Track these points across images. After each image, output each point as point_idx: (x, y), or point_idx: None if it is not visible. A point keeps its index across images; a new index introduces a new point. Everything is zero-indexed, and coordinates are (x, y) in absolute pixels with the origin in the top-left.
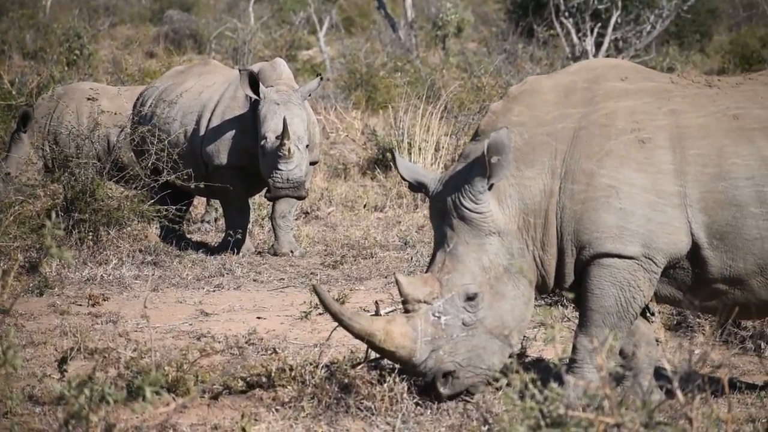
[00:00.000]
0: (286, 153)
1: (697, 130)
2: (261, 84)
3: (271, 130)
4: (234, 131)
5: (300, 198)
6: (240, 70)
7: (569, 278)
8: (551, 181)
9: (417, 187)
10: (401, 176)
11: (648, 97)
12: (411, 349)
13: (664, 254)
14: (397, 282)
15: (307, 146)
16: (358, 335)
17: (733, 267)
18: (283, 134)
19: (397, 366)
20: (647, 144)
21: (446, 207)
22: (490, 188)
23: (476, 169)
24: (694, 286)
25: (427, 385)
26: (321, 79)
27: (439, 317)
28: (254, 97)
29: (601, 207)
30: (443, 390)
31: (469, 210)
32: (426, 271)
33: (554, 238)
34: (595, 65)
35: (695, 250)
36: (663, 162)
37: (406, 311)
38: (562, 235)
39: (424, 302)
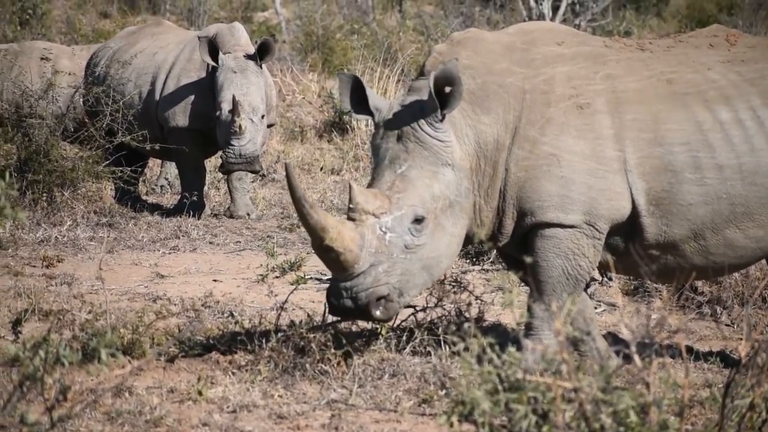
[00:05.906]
0: (238, 130)
1: (633, 95)
2: (219, 50)
3: (226, 100)
4: (190, 94)
5: (254, 172)
6: (199, 38)
7: (504, 239)
8: (504, 134)
9: (362, 109)
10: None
11: (584, 62)
12: (356, 255)
13: (606, 220)
14: (349, 189)
15: (263, 117)
16: (312, 226)
17: (668, 233)
18: (234, 111)
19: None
20: (586, 110)
21: (402, 132)
22: (442, 119)
23: (430, 101)
24: (626, 251)
25: (357, 309)
26: (274, 38)
27: (385, 233)
28: (213, 64)
29: (543, 175)
30: (376, 313)
31: (431, 136)
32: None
33: (497, 194)
34: (530, 28)
35: (633, 216)
36: (602, 127)
37: (351, 221)
38: (505, 196)
39: (372, 215)
